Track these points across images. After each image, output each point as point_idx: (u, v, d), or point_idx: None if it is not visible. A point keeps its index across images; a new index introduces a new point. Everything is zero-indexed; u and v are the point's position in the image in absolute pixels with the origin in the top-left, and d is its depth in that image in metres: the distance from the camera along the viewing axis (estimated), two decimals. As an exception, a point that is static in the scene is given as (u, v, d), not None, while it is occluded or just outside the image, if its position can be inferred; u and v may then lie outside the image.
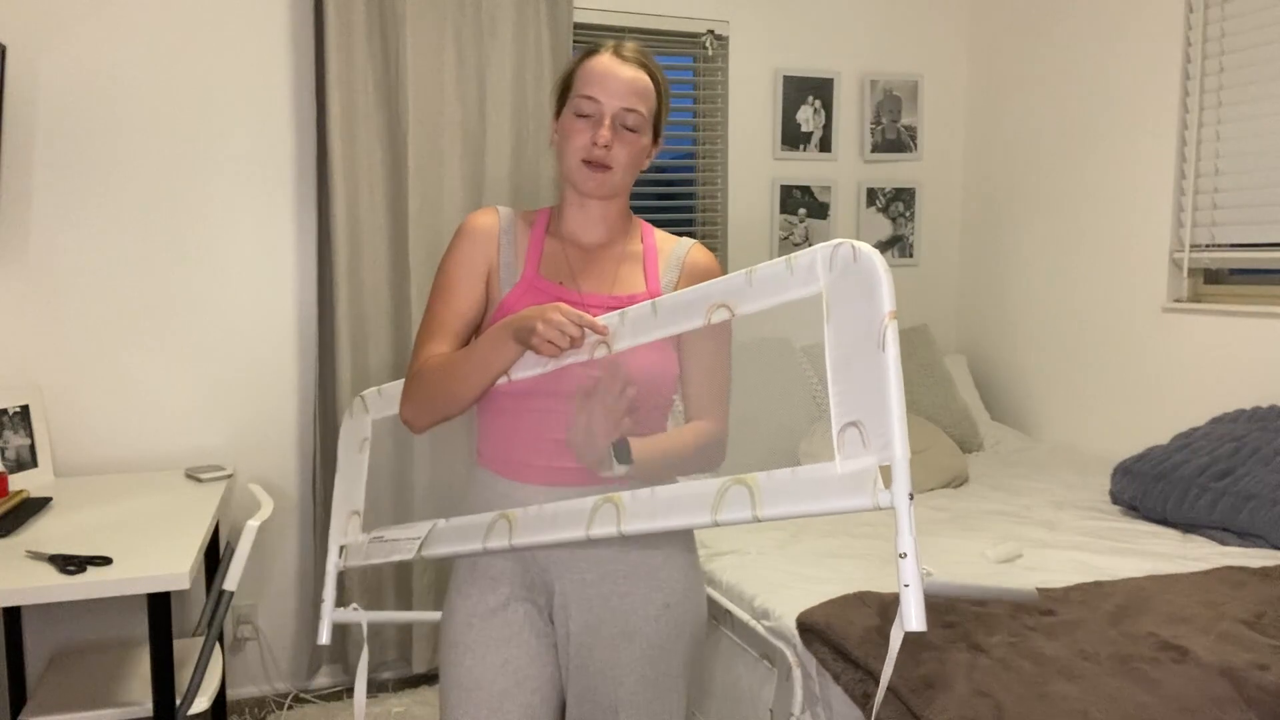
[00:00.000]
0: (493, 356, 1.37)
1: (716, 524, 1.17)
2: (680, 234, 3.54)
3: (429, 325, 1.50)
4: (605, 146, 1.42)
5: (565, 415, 1.42)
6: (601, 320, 1.32)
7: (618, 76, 1.44)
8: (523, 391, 1.42)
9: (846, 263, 1.09)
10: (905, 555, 1.01)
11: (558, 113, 1.51)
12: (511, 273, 1.49)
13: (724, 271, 1.51)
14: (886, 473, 1.04)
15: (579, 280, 1.49)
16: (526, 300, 1.47)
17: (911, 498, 1.03)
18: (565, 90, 1.50)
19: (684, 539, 1.52)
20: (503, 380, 1.41)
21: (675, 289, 1.51)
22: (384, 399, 1.85)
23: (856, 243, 1.09)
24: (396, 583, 2.97)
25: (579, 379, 1.38)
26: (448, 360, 1.42)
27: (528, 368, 1.38)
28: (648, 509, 1.25)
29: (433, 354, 1.46)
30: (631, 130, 1.45)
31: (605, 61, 1.46)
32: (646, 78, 1.47)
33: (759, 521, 1.13)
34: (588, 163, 1.44)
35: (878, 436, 1.04)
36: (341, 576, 2.92)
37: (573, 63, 1.51)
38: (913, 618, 0.99)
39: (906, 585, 1.00)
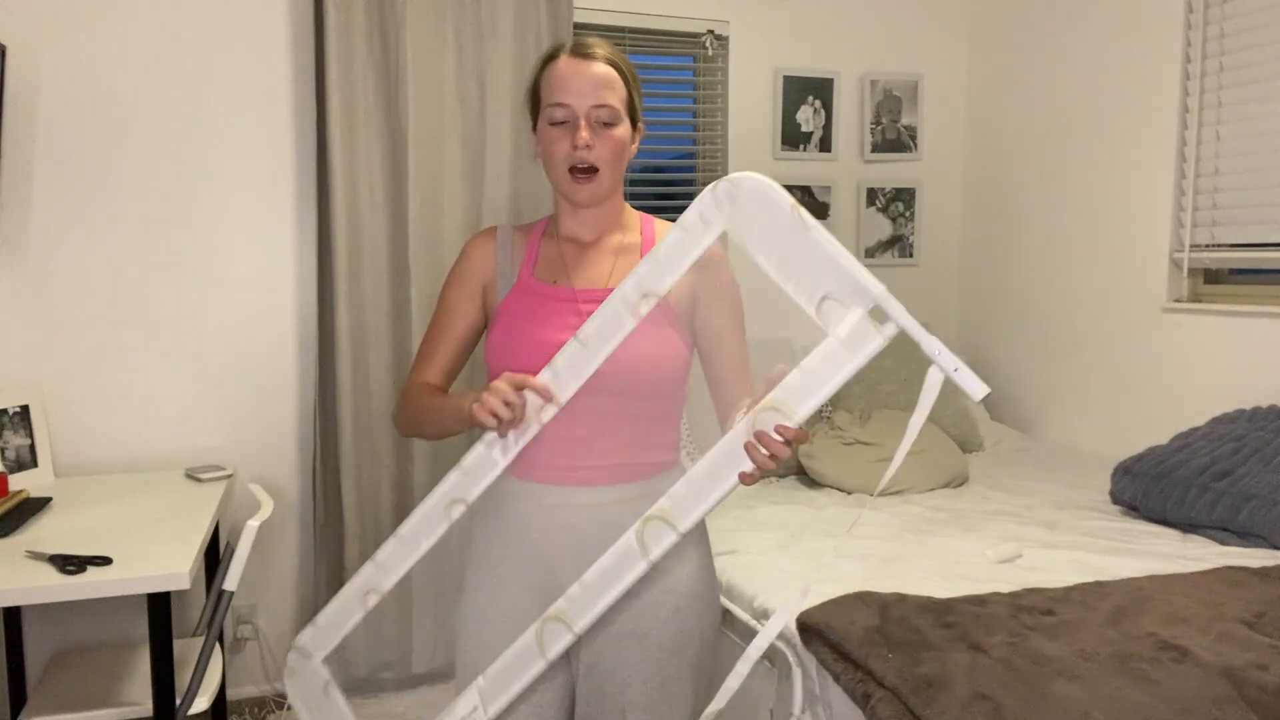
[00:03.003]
0: (450, 422, 1.42)
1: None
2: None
3: (423, 346, 1.57)
4: (587, 146, 1.44)
5: (583, 415, 1.42)
6: (538, 377, 1.33)
7: (581, 76, 1.45)
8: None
9: (732, 194, 1.19)
10: (939, 351, 1.13)
11: (535, 125, 1.52)
12: (507, 280, 1.51)
13: (725, 255, 1.51)
14: (877, 313, 1.15)
15: (573, 277, 1.50)
16: (521, 302, 1.48)
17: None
18: (535, 102, 1.51)
19: (698, 540, 1.52)
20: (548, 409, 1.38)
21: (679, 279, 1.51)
22: (320, 631, 1.54)
23: (730, 175, 1.18)
24: (397, 583, 2.96)
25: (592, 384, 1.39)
26: (427, 404, 1.48)
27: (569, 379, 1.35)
28: (689, 498, 1.26)
29: (422, 379, 1.53)
30: (608, 125, 1.46)
31: (565, 65, 1.47)
32: (609, 69, 1.48)
33: (821, 416, 1.21)
34: (573, 170, 1.46)
35: (849, 292, 1.15)
36: (343, 579, 2.92)
37: (535, 72, 1.52)
38: (977, 388, 1.12)
39: (956, 369, 1.13)
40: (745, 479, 1.21)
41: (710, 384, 1.54)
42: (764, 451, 1.19)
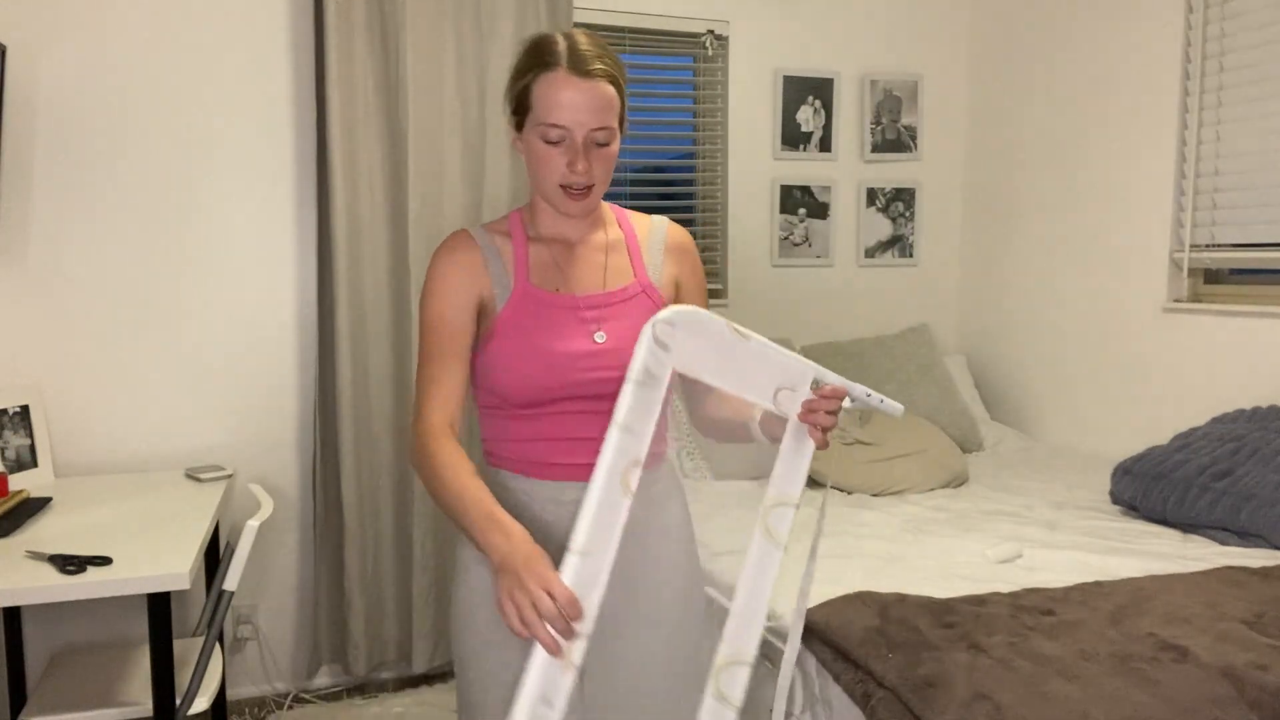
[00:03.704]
0: (471, 536, 1.26)
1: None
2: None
3: (427, 377, 1.41)
4: (586, 172, 1.38)
5: (595, 416, 1.42)
6: (580, 618, 1.14)
7: (583, 98, 1.35)
8: (538, 400, 1.41)
9: (669, 335, 1.24)
10: (868, 393, 1.30)
11: (517, 124, 1.42)
12: (504, 288, 1.44)
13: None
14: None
15: (570, 282, 1.46)
16: (525, 313, 1.43)
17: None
18: (522, 104, 1.40)
19: (685, 538, 1.53)
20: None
21: (662, 273, 1.50)
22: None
23: (656, 317, 1.23)
24: (397, 582, 2.97)
25: (594, 384, 1.39)
26: (450, 485, 1.30)
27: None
28: None
29: (441, 419, 1.38)
30: (604, 144, 1.40)
31: (565, 82, 1.35)
32: (609, 87, 1.38)
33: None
34: (565, 189, 1.40)
35: (794, 377, 1.29)
36: (343, 579, 2.92)
37: (526, 74, 1.39)
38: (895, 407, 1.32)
39: (881, 400, 1.31)
40: (819, 442, 1.31)
41: None
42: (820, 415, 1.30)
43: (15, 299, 2.66)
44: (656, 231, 1.53)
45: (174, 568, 1.86)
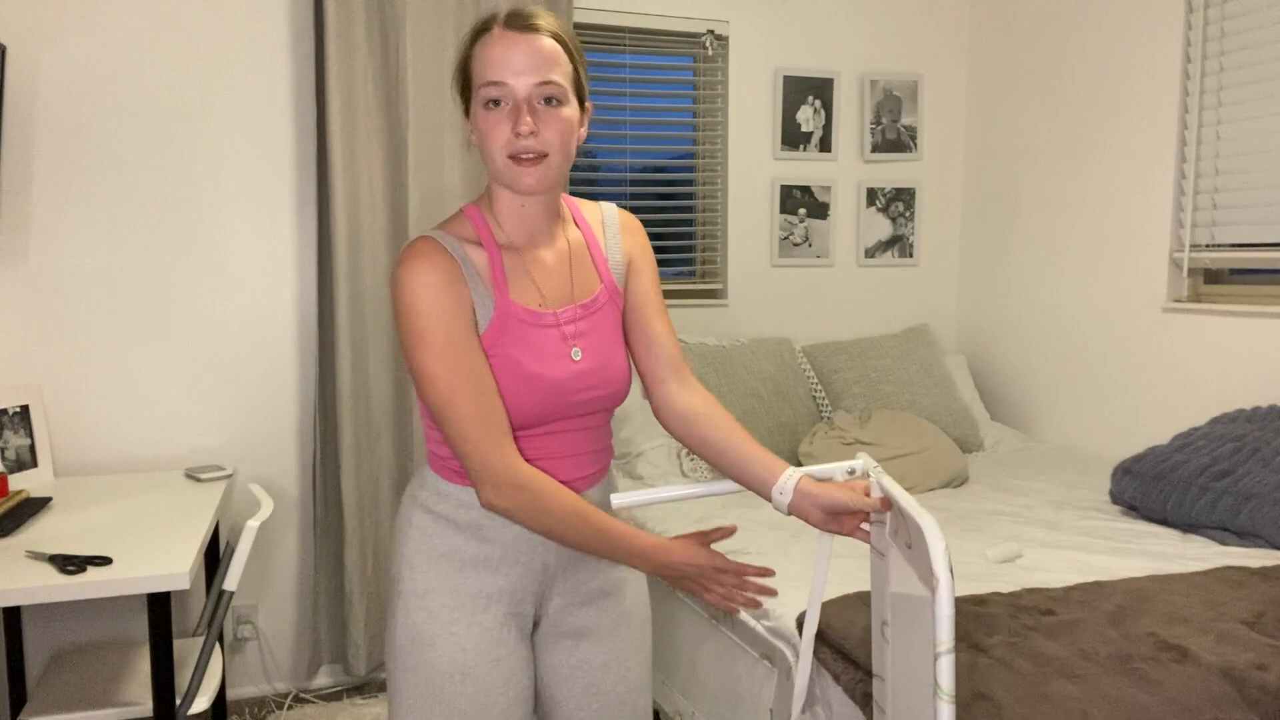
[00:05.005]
0: (632, 564, 1.36)
1: None
2: (679, 234, 3.54)
3: (463, 414, 1.26)
4: (531, 133, 1.25)
5: (583, 431, 1.41)
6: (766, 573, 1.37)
7: (520, 50, 1.26)
8: (524, 425, 1.35)
9: None
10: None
11: (466, 110, 1.33)
12: (485, 306, 1.31)
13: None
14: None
15: (545, 296, 1.36)
16: (506, 333, 1.31)
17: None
18: (466, 83, 1.32)
19: None
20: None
21: (621, 260, 1.45)
22: None
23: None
24: (396, 583, 2.97)
25: (580, 405, 1.37)
26: (582, 526, 1.30)
27: None
28: None
29: (516, 452, 1.29)
30: (554, 104, 1.28)
31: (499, 38, 1.27)
32: (552, 42, 1.28)
33: None
34: (515, 158, 1.27)
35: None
36: (343, 579, 2.92)
37: (464, 47, 1.32)
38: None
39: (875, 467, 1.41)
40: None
41: (639, 346, 1.47)
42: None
43: (15, 299, 2.66)
44: (609, 218, 1.47)
45: (174, 568, 1.86)
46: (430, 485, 1.40)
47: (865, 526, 1.39)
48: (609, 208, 1.49)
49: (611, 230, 1.46)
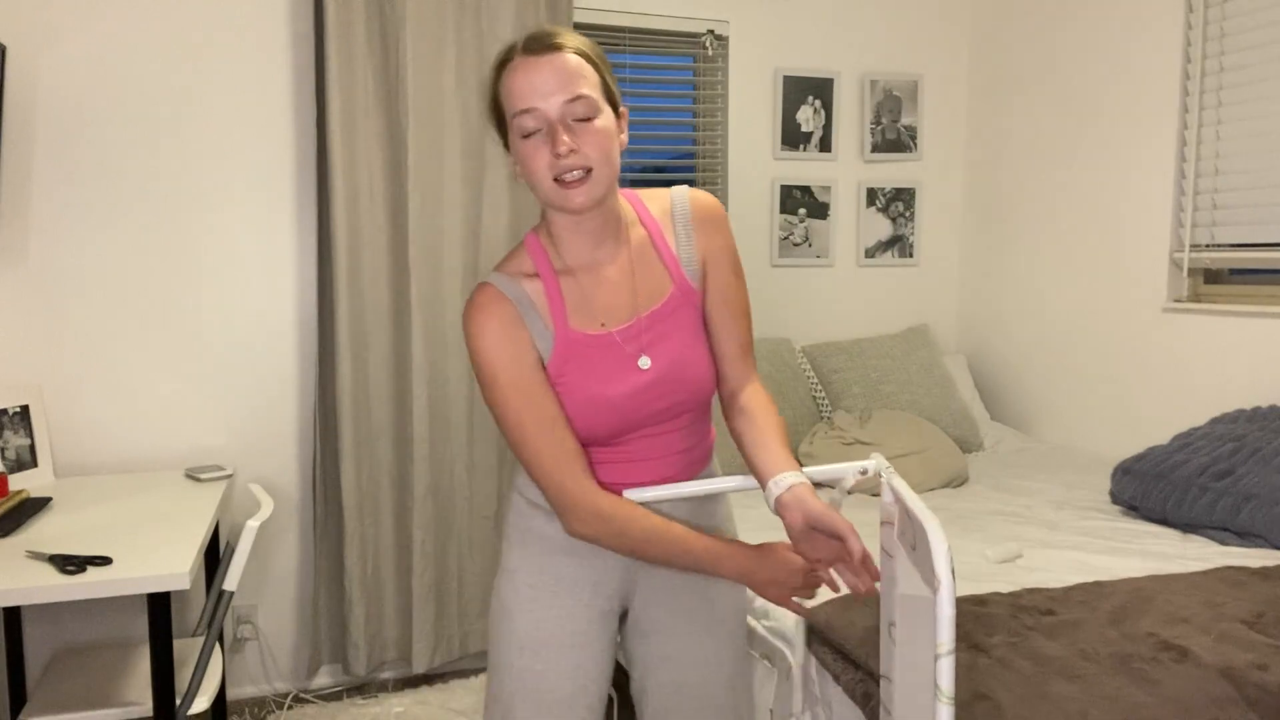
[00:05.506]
0: (717, 573, 1.37)
1: None
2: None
3: (538, 449, 1.32)
4: (571, 151, 1.26)
5: (650, 439, 1.41)
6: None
7: (544, 72, 1.26)
8: (601, 440, 1.39)
9: None
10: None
11: (506, 143, 1.34)
12: (545, 339, 1.34)
13: (725, 208, 1.44)
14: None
15: (604, 317, 1.37)
16: (571, 363, 1.35)
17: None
18: (501, 116, 1.34)
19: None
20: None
21: (695, 257, 1.41)
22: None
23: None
24: (396, 581, 2.97)
25: (653, 415, 1.39)
26: (665, 545, 1.34)
27: None
28: None
29: (594, 482, 1.35)
30: (587, 119, 1.28)
31: (522, 65, 1.28)
32: (572, 56, 1.28)
33: None
34: (560, 181, 1.28)
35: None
36: (343, 579, 2.92)
37: (491, 82, 1.34)
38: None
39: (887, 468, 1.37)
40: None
41: (713, 348, 1.45)
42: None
43: (15, 299, 2.66)
44: (680, 209, 1.42)
45: (174, 568, 1.86)
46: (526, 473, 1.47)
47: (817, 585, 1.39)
48: (680, 195, 1.44)
49: (682, 223, 1.42)
